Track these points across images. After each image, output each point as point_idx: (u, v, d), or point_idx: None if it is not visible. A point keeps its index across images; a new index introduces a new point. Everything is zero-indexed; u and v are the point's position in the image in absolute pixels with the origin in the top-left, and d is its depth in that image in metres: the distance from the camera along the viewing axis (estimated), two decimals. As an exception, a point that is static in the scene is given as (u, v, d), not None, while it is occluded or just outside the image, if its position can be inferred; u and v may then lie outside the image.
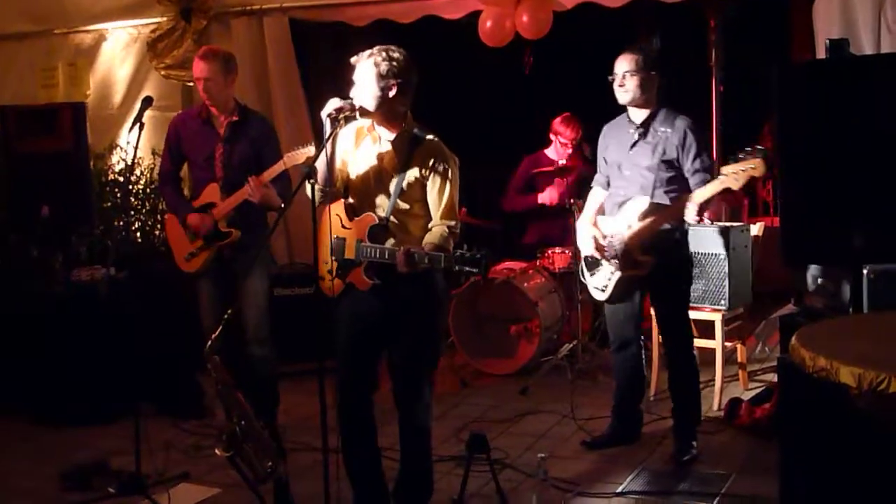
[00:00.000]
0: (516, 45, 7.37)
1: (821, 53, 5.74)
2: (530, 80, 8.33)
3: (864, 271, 4.38)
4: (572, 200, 6.50)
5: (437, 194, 4.10)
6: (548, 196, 7.11)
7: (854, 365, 2.76)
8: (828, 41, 4.90)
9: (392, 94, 4.02)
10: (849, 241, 4.21)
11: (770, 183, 9.23)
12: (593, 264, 5.24)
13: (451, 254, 3.84)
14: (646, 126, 4.99)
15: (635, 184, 4.99)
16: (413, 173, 4.09)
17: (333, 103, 4.01)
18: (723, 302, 5.78)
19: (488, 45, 7.24)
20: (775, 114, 4.52)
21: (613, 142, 5.16)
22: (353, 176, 4.22)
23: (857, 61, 4.96)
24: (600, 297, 5.25)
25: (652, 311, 5.46)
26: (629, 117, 5.08)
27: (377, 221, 4.09)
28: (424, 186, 4.10)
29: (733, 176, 4.59)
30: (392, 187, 4.11)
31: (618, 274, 5.07)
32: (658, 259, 4.94)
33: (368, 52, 4.05)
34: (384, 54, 4.01)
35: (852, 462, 3.01)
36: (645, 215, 4.91)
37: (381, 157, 4.16)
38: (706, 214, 4.74)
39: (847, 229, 4.22)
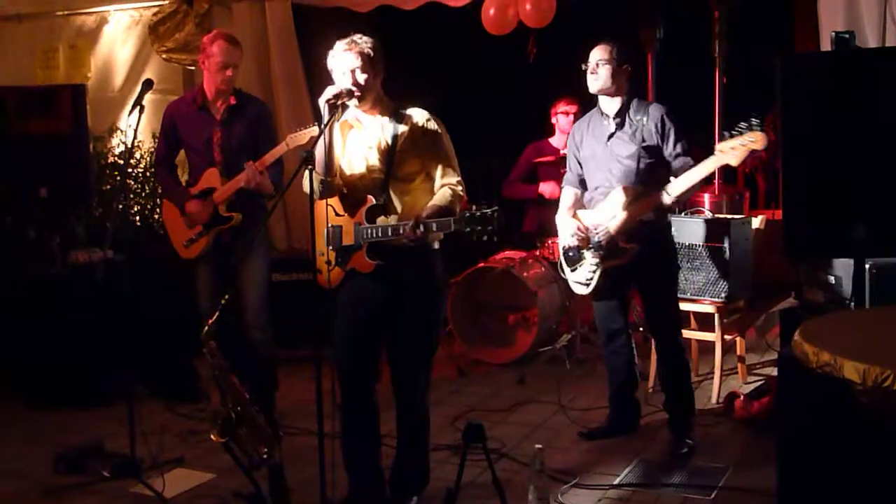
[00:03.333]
0: (520, 34, 7.34)
1: (825, 46, 5.71)
2: (533, 68, 8.30)
3: (867, 265, 4.37)
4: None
5: (434, 155, 4.14)
6: (548, 189, 7.03)
7: (859, 360, 2.73)
8: (834, 34, 4.86)
9: (380, 78, 4.12)
10: (851, 234, 4.19)
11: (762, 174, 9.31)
12: (574, 259, 5.15)
13: (457, 215, 3.84)
14: (621, 116, 4.98)
15: (617, 174, 4.96)
16: (405, 147, 4.12)
17: (332, 89, 4.03)
18: (722, 294, 5.75)
19: (491, 33, 7.21)
20: (779, 105, 4.49)
21: (588, 136, 5.13)
22: (346, 168, 4.22)
23: (862, 54, 4.92)
24: (583, 291, 5.17)
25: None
26: (601, 110, 5.06)
27: (374, 203, 4.09)
28: (419, 156, 4.13)
29: (731, 151, 4.60)
30: (387, 168, 4.12)
31: (601, 266, 5.01)
32: (643, 247, 4.92)
33: (350, 40, 4.08)
34: (369, 41, 4.09)
35: (854, 458, 2.98)
36: (628, 203, 4.87)
37: (371, 142, 4.16)
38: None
39: (850, 222, 4.19)
